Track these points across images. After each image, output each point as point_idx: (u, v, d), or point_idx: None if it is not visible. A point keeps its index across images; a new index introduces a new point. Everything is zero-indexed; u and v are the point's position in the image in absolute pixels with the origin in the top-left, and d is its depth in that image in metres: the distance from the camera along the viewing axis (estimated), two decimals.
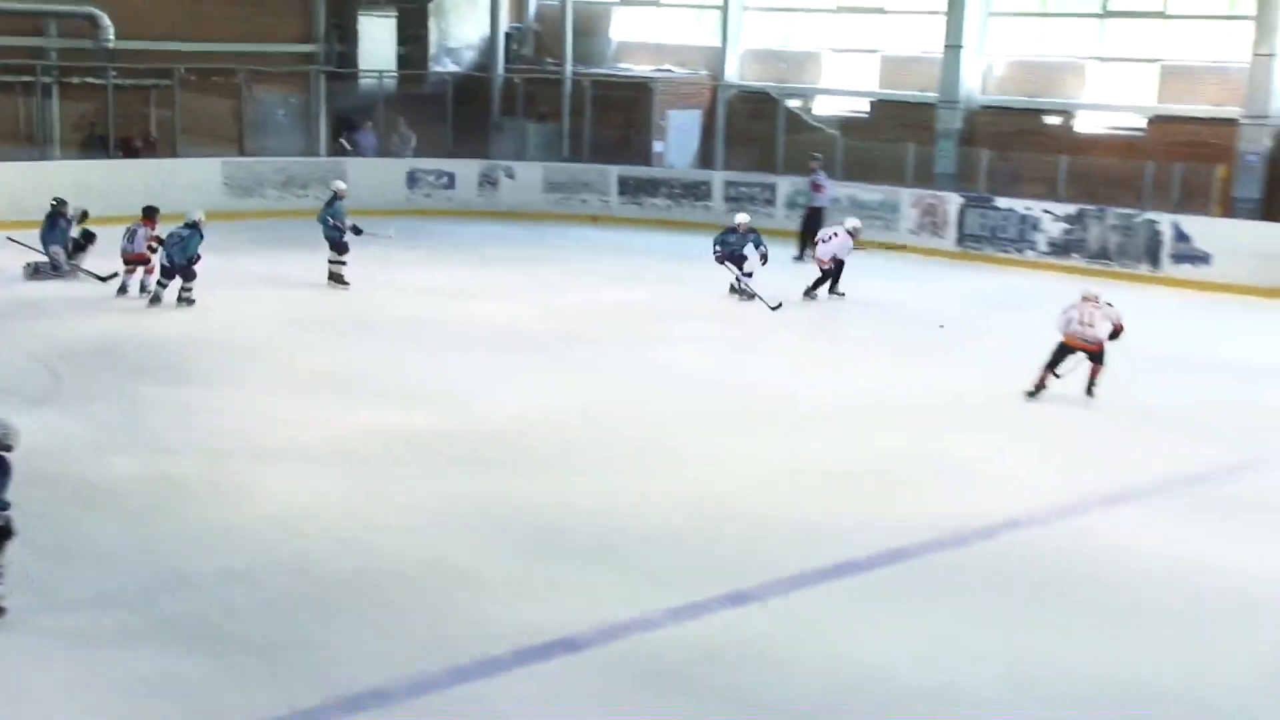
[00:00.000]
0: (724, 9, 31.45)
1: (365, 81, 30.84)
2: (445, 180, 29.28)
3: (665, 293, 21.93)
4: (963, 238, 26.29)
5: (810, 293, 21.52)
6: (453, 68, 32.45)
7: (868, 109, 29.84)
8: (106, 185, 25.36)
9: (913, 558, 11.01)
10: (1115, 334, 16.39)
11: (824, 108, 30.45)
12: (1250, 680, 9.18)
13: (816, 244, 22.16)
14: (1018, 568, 10.97)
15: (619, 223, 29.01)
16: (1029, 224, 25.51)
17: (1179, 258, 23.83)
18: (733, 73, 31.49)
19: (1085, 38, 27.16)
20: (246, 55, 29.12)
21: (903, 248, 25.23)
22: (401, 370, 16.55)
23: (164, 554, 10.75)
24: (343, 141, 30.01)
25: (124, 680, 8.73)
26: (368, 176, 28.55)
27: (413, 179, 29.26)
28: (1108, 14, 26.81)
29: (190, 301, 19.45)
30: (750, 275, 21.31)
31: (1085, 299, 16.59)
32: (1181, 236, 23.90)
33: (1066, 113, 27.18)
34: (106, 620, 9.56)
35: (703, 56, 31.99)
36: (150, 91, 28.67)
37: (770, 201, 28.41)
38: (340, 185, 22.02)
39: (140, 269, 20.02)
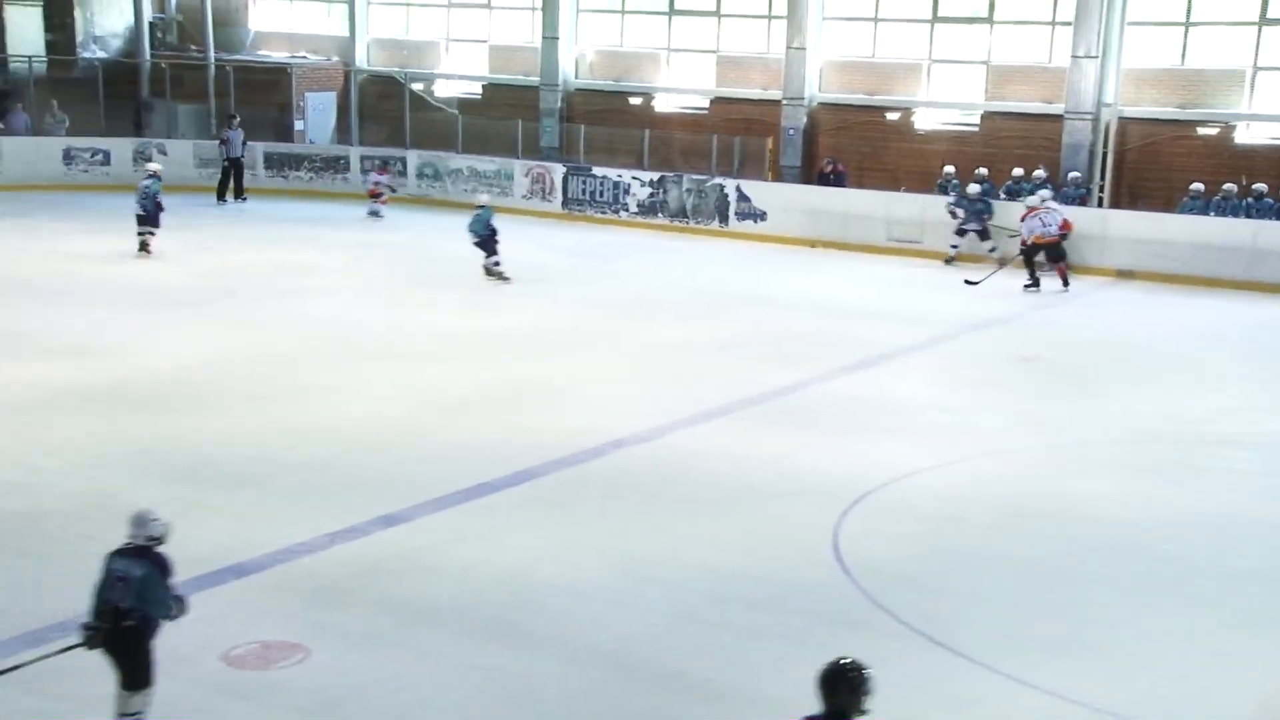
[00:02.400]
0: (350, 2, 30.81)
1: (15, 66, 28.59)
2: (101, 157, 27.49)
3: (305, 254, 21.34)
4: (567, 201, 26.53)
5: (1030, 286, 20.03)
6: (101, 54, 30.47)
7: (480, 91, 29.75)
8: None
9: (538, 475, 11.11)
10: (1066, 230, 19.63)
11: (443, 90, 30.18)
12: (801, 551, 9.71)
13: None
14: (626, 477, 11.25)
15: (266, 193, 27.72)
16: (621, 189, 25.98)
17: (742, 215, 24.75)
18: (362, 59, 30.87)
19: (657, 33, 27.81)
20: None
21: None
22: (58, 329, 15.60)
23: None
24: None
25: None
26: (23, 154, 27.08)
27: (68, 156, 27.36)
28: (675, 12, 27.52)
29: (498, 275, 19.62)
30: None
31: (1044, 204, 19.73)
32: (743, 197, 24.83)
33: (646, 94, 27.80)
34: None
35: (334, 44, 31.22)
36: None
37: (402, 173, 27.93)
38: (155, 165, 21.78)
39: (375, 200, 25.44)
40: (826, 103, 26.05)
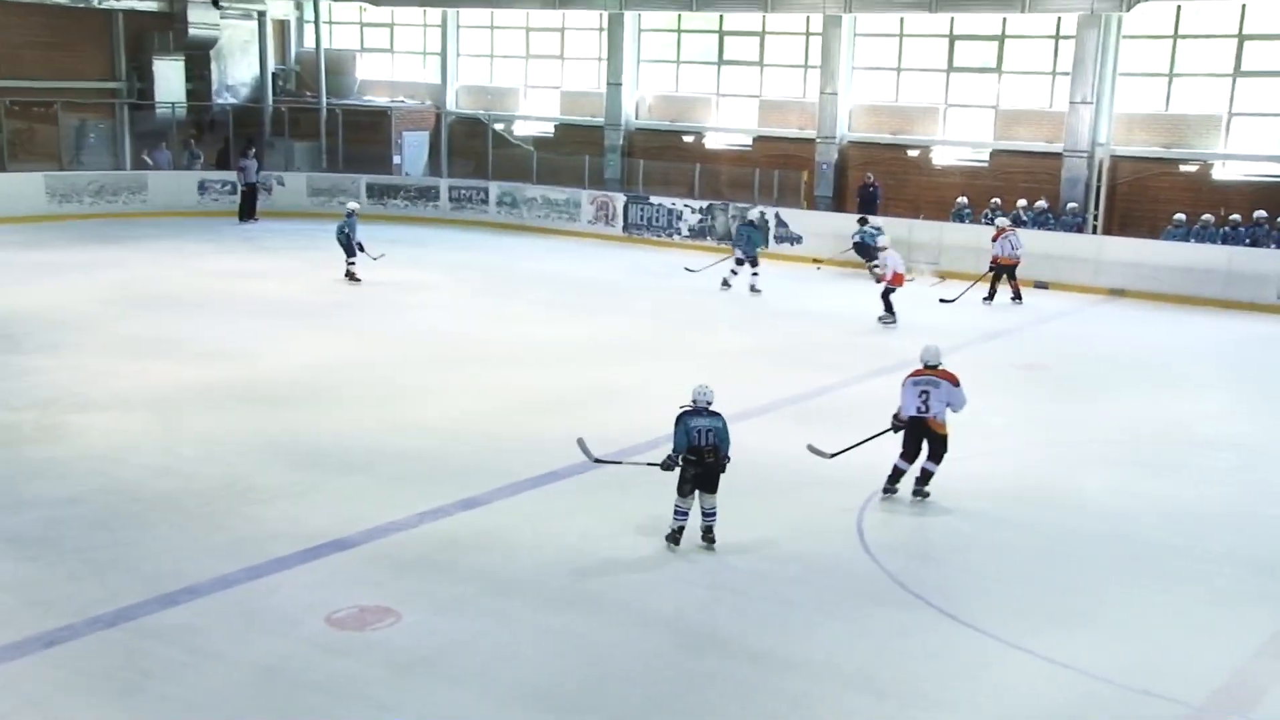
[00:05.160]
0: (443, 55, 31.00)
1: (160, 111, 29.06)
2: (229, 188, 27.76)
3: (405, 271, 21.37)
4: (627, 226, 26.51)
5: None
6: (231, 100, 30.86)
7: (553, 130, 29.83)
8: None
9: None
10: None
11: (521, 129, 30.29)
12: (829, 532, 9.62)
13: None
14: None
15: (369, 219, 27.62)
16: (674, 215, 25.95)
17: (780, 239, 24.64)
18: (452, 103, 31.03)
19: (708, 80, 27.76)
20: (62, 90, 27.06)
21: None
22: (200, 336, 15.75)
23: (3, 485, 10.01)
24: (144, 158, 28.15)
25: None
26: (166, 185, 27.33)
27: (203, 187, 27.70)
28: (723, 62, 27.47)
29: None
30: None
31: (1009, 228, 19.72)
32: (781, 223, 24.72)
33: (698, 133, 27.75)
34: None
35: (428, 90, 31.42)
36: None
37: (484, 201, 28.07)
38: (354, 205, 21.89)
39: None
40: (855, 141, 25.90)
